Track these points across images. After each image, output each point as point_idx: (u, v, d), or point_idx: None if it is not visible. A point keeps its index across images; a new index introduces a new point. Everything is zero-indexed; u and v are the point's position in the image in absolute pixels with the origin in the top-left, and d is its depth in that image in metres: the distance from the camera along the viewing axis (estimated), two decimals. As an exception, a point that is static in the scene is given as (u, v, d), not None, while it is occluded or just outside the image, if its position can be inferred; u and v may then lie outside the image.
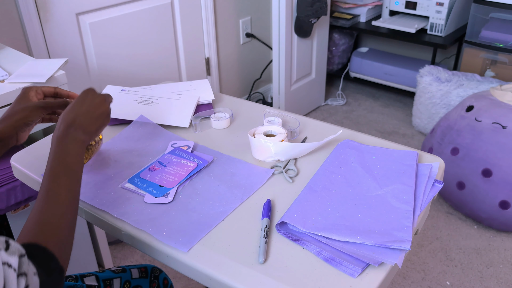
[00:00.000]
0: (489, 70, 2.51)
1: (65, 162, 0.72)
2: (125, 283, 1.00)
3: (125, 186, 0.91)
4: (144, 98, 1.22)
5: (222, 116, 1.13)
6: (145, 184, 0.91)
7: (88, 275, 0.97)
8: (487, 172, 1.80)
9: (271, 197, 0.88)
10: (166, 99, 1.22)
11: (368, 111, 2.92)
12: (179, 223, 0.82)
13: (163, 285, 1.07)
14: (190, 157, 0.98)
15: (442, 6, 2.52)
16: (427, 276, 1.73)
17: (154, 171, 0.94)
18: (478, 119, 1.88)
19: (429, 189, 0.88)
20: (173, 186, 0.90)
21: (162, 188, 0.89)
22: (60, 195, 0.68)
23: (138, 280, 1.03)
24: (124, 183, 0.91)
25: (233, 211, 0.85)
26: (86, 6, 1.86)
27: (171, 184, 0.90)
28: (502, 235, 1.91)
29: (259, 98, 2.91)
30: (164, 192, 0.88)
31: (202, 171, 0.95)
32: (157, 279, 1.06)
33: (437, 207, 2.06)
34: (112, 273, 1.01)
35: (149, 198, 0.87)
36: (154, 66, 2.22)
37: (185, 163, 0.96)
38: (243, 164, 0.97)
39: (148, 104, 1.19)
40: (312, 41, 2.69)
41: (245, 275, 0.72)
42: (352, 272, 0.71)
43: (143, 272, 1.05)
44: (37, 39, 1.73)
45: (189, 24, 2.31)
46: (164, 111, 1.17)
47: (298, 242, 0.77)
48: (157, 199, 0.87)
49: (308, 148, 1.00)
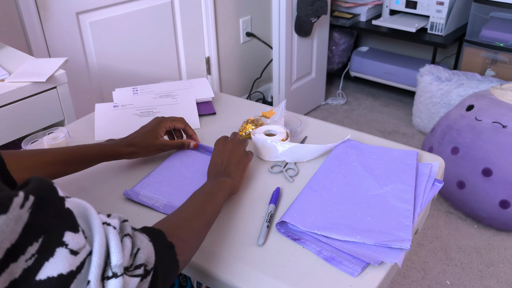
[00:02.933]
0: (489, 70, 2.50)
1: (214, 197, 0.78)
2: None
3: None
4: (143, 111, 1.20)
5: (56, 136, 1.06)
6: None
7: None
8: (487, 172, 1.80)
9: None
10: (165, 106, 1.22)
11: (368, 110, 2.92)
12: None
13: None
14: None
15: (443, 5, 2.52)
16: (427, 275, 1.73)
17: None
18: (478, 119, 1.88)
19: (429, 189, 0.88)
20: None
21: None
22: (202, 213, 0.73)
23: None
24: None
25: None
26: (86, 5, 1.86)
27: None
28: (502, 234, 1.90)
29: (259, 97, 2.91)
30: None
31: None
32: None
33: (437, 207, 2.06)
34: None
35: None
36: (154, 65, 2.22)
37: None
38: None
39: (150, 115, 1.19)
40: (312, 41, 2.68)
41: (245, 274, 0.72)
42: (352, 271, 0.71)
43: None
44: (37, 38, 1.73)
45: (189, 23, 2.31)
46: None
47: (298, 241, 0.77)
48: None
49: (315, 152, 0.99)
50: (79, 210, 0.48)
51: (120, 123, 1.16)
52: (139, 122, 1.16)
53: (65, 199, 0.47)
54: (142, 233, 0.55)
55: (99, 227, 0.48)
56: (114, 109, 1.21)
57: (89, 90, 1.99)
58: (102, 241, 0.47)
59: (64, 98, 1.37)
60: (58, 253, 0.43)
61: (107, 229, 0.50)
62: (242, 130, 1.08)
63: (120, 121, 1.16)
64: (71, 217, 0.46)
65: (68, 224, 0.45)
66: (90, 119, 1.20)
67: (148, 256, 0.53)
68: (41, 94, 1.31)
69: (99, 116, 1.18)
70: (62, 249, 0.43)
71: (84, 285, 0.45)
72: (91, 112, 1.23)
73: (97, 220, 0.48)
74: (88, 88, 1.98)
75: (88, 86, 1.98)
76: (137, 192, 0.90)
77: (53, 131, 1.08)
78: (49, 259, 0.42)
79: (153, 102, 1.23)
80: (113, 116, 1.18)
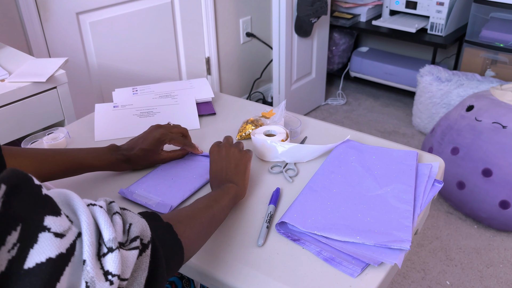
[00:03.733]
0: (489, 70, 2.50)
1: (219, 199, 0.78)
2: None
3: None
4: (143, 111, 1.20)
5: (56, 137, 1.06)
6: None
7: None
8: (487, 172, 1.80)
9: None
10: (165, 106, 1.22)
11: (368, 110, 2.92)
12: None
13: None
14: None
15: (443, 6, 2.52)
16: (427, 275, 1.73)
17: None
18: (478, 119, 1.88)
19: (429, 189, 0.88)
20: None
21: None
22: (205, 212, 0.72)
23: None
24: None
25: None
26: (86, 5, 1.86)
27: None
28: (502, 234, 1.90)
29: (259, 98, 2.91)
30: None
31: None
32: None
33: (437, 207, 2.06)
34: None
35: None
36: (154, 65, 2.22)
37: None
38: None
39: (150, 115, 1.19)
40: (312, 41, 2.68)
41: (244, 275, 0.72)
42: (351, 272, 0.71)
43: None
44: (37, 38, 1.73)
45: (190, 24, 2.31)
46: (169, 118, 1.17)
47: (298, 242, 0.77)
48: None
49: (315, 152, 0.99)
50: (60, 197, 0.47)
51: (120, 124, 1.16)
52: (139, 122, 1.16)
53: (42, 187, 0.45)
54: (132, 212, 0.54)
55: (83, 207, 0.46)
56: (114, 110, 1.21)
57: (89, 90, 1.99)
58: (89, 220, 0.46)
59: (64, 98, 1.37)
60: (42, 238, 0.41)
61: (93, 209, 0.48)
62: (242, 131, 1.08)
63: (120, 122, 1.16)
64: (50, 202, 0.44)
65: (47, 210, 0.43)
66: (90, 119, 1.20)
67: (142, 229, 0.52)
68: (41, 94, 1.31)
69: (99, 116, 1.18)
70: (45, 233, 0.42)
71: (81, 267, 0.43)
72: (91, 112, 1.23)
73: (80, 202, 0.47)
74: (88, 88, 1.98)
75: (88, 86, 1.98)
76: (132, 191, 0.90)
77: (53, 131, 1.08)
78: (34, 245, 0.41)
79: (153, 103, 1.23)
80: (113, 116, 1.18)
